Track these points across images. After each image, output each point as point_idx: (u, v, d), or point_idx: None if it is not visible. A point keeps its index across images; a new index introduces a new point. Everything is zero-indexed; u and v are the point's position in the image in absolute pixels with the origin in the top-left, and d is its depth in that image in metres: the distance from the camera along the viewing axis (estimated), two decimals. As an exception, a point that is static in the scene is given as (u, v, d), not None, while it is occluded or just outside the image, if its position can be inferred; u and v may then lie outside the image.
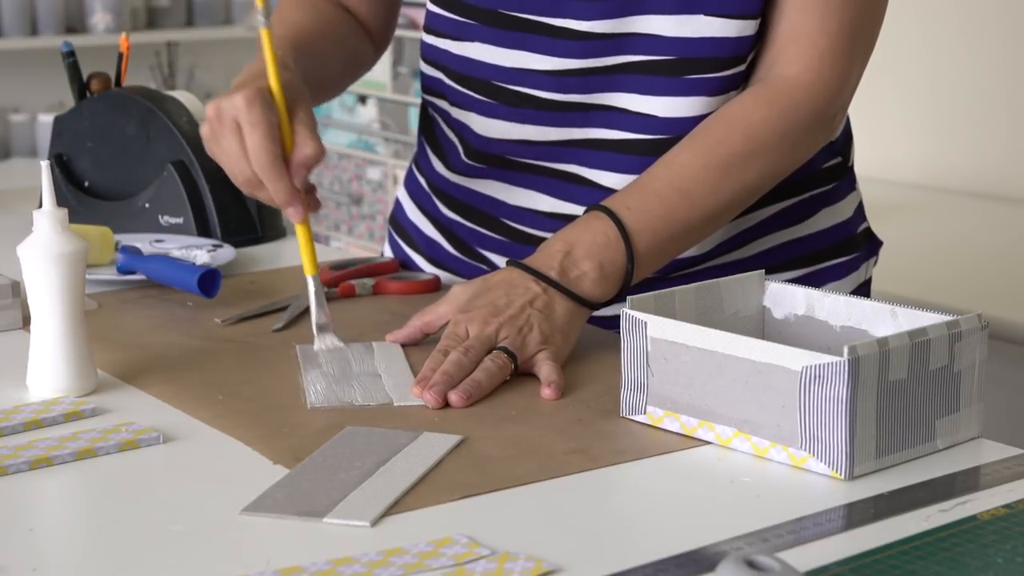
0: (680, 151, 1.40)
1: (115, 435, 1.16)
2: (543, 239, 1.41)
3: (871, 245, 1.63)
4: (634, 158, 1.46)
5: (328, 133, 3.88)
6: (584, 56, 1.44)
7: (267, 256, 1.75)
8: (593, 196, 1.47)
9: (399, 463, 1.11)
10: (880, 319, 1.22)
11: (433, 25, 1.54)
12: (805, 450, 1.10)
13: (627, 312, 1.19)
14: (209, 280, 1.55)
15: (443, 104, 1.57)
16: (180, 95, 1.86)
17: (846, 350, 1.07)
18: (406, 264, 1.69)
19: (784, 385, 1.10)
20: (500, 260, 1.57)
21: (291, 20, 1.55)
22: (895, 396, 1.11)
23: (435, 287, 1.61)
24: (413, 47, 3.58)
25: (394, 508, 1.04)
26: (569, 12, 1.43)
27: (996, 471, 1.11)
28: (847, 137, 1.61)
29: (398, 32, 3.63)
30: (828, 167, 1.57)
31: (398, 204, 1.72)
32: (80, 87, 1.86)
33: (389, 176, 3.71)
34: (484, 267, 1.59)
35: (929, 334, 1.12)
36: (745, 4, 1.41)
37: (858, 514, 1.04)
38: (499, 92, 1.49)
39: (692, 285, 1.26)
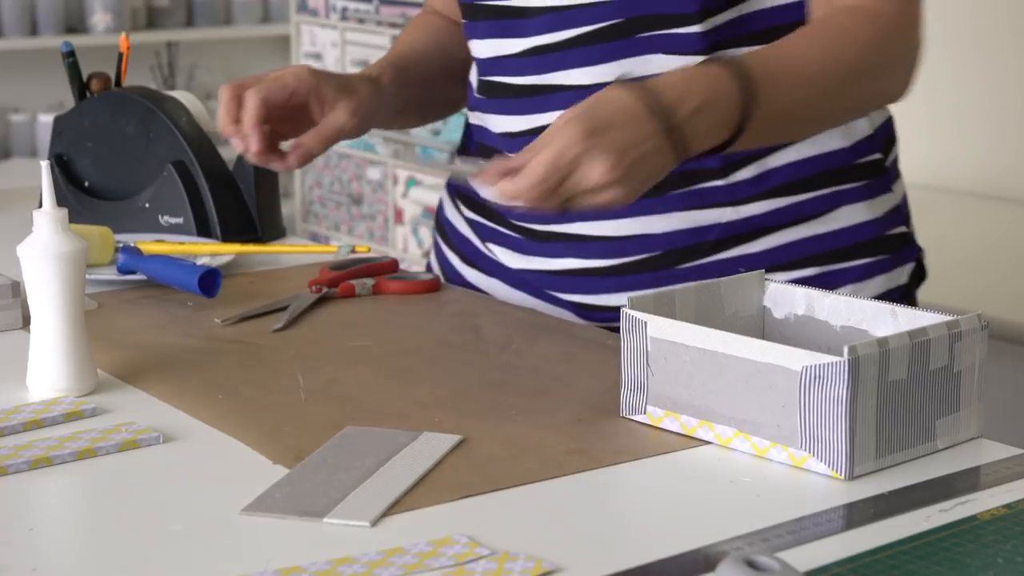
0: (802, 47, 1.37)
1: (115, 435, 1.16)
2: (548, 234, 1.41)
3: (906, 251, 1.56)
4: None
5: (328, 133, 3.88)
6: (539, 32, 1.46)
7: (267, 256, 1.75)
8: None
9: (399, 463, 1.11)
10: (880, 319, 1.22)
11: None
12: (805, 450, 1.10)
13: (627, 312, 1.19)
14: (209, 280, 1.55)
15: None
16: (180, 95, 1.86)
17: (846, 350, 1.07)
18: (444, 268, 1.68)
19: (784, 385, 1.10)
20: (508, 258, 1.57)
21: (411, 37, 1.66)
22: (895, 396, 1.11)
23: (435, 287, 1.61)
24: (413, 47, 3.58)
25: (394, 508, 1.04)
26: None
27: (996, 471, 1.11)
28: (888, 135, 1.57)
29: (399, 32, 3.63)
30: (863, 163, 1.53)
31: (440, 203, 1.72)
32: (80, 87, 1.86)
33: (389, 176, 3.70)
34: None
35: (929, 334, 1.12)
36: None
37: (858, 514, 1.04)
38: (485, 86, 1.52)
39: (692, 284, 1.26)
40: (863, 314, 1.23)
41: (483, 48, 1.53)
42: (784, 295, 1.28)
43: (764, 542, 0.98)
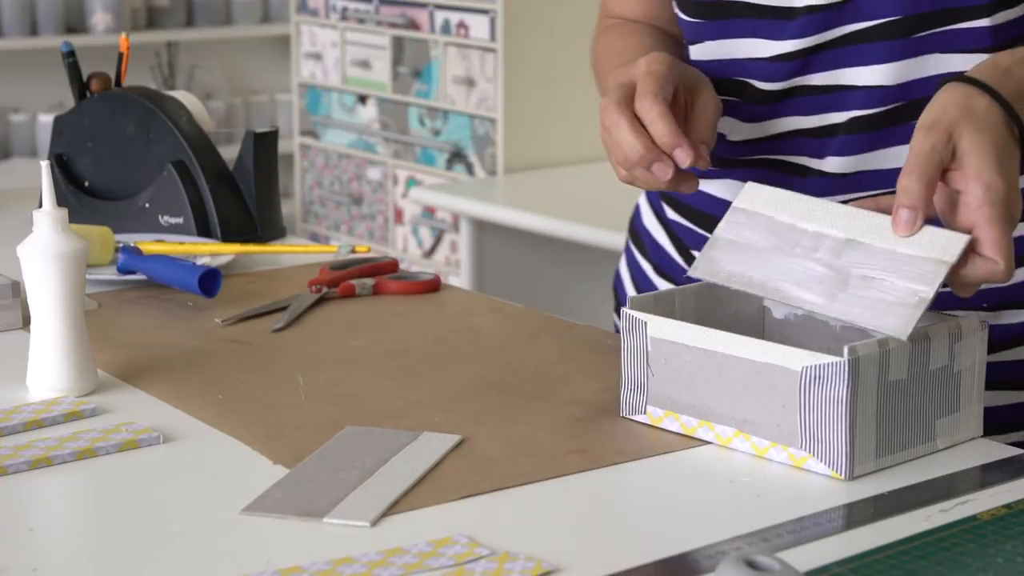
0: None
1: (115, 435, 1.16)
2: None
3: None
4: (863, 136, 1.30)
5: (328, 133, 3.88)
6: (803, 35, 1.29)
7: (267, 256, 1.75)
8: (818, 185, 1.32)
9: (399, 463, 1.11)
10: None
11: (684, 32, 1.41)
12: (805, 450, 1.10)
13: (627, 312, 1.19)
14: (209, 280, 1.55)
15: None
16: (180, 95, 1.86)
17: (846, 350, 1.07)
18: (635, 274, 1.55)
19: (784, 385, 1.10)
20: None
21: (633, 43, 1.43)
22: (895, 396, 1.11)
23: (435, 287, 1.61)
24: (413, 47, 3.58)
25: (394, 508, 1.04)
26: None
27: (996, 471, 1.11)
28: None
29: (399, 32, 3.63)
30: None
31: (636, 209, 1.59)
32: (80, 87, 1.86)
33: (389, 176, 3.70)
34: None
35: (929, 334, 1.12)
36: None
37: (858, 514, 1.04)
38: (727, 87, 1.35)
39: (692, 285, 1.26)
40: None
41: (724, 48, 1.35)
42: None
43: (764, 542, 0.98)
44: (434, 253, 3.57)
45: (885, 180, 1.30)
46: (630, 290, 1.55)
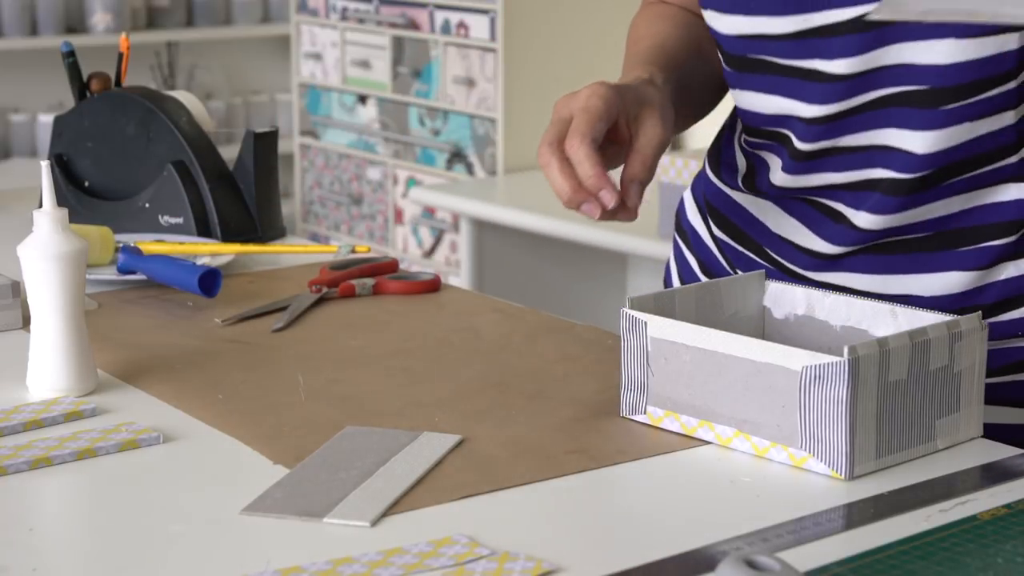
0: None
1: (115, 435, 1.16)
2: (802, 276, 1.32)
3: None
4: (896, 199, 1.27)
5: (328, 133, 3.88)
6: (839, 99, 1.26)
7: (267, 256, 1.75)
8: (851, 236, 1.30)
9: (399, 463, 1.11)
10: (880, 319, 1.22)
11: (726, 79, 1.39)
12: (805, 450, 1.10)
13: (627, 312, 1.19)
14: (209, 280, 1.55)
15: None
16: (180, 95, 1.86)
17: (846, 350, 1.07)
18: (683, 271, 1.52)
19: (784, 385, 1.10)
20: None
21: (654, 30, 1.42)
22: (895, 396, 1.11)
23: (435, 287, 1.61)
24: (413, 47, 3.58)
25: (394, 508, 1.04)
26: (817, 52, 1.26)
27: (996, 471, 1.11)
28: None
29: (399, 32, 3.63)
30: None
31: (682, 204, 1.56)
32: (80, 87, 1.86)
33: (389, 176, 3.70)
34: None
35: (929, 334, 1.12)
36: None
37: (858, 514, 1.04)
38: (768, 134, 1.33)
39: (692, 285, 1.26)
40: (863, 314, 1.23)
41: (761, 102, 1.32)
42: (784, 295, 1.28)
43: (764, 542, 0.98)
44: (434, 253, 3.57)
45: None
46: (677, 285, 1.52)
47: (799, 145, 1.30)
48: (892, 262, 1.30)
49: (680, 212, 1.55)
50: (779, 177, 1.34)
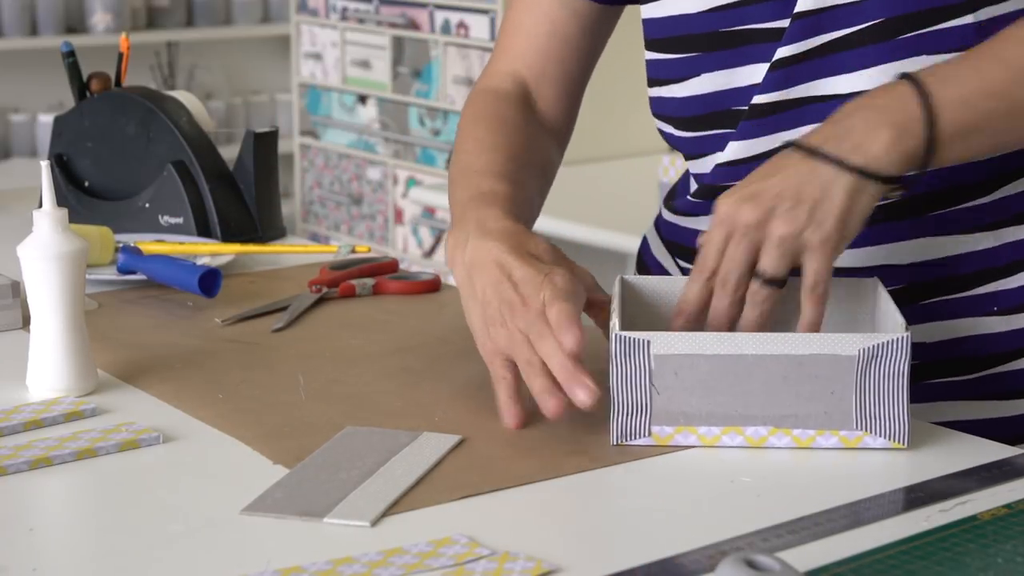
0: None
1: (115, 435, 1.16)
2: None
3: None
4: None
5: (328, 133, 3.88)
6: (786, 45, 1.27)
7: (267, 256, 1.75)
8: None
9: (399, 463, 1.11)
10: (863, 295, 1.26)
11: (655, 75, 1.37)
12: (861, 429, 1.13)
13: (622, 335, 1.14)
14: (209, 280, 1.55)
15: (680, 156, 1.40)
16: (180, 95, 1.86)
17: (902, 326, 1.13)
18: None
19: (831, 372, 1.12)
20: None
21: (492, 142, 1.38)
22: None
23: (435, 287, 1.61)
24: (413, 47, 3.58)
25: (394, 508, 1.04)
26: (779, 11, 1.28)
27: (996, 471, 1.11)
28: None
29: (400, 32, 3.63)
30: None
31: (645, 241, 1.55)
32: (80, 87, 1.86)
33: (389, 176, 3.70)
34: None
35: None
36: None
37: (858, 514, 1.04)
38: (731, 118, 1.33)
39: (646, 279, 1.28)
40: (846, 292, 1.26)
41: (701, 84, 1.33)
42: None
43: (764, 542, 0.98)
44: (434, 253, 3.57)
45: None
46: None
47: (756, 99, 1.29)
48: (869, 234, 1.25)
49: (644, 250, 1.54)
50: (731, 150, 1.32)
